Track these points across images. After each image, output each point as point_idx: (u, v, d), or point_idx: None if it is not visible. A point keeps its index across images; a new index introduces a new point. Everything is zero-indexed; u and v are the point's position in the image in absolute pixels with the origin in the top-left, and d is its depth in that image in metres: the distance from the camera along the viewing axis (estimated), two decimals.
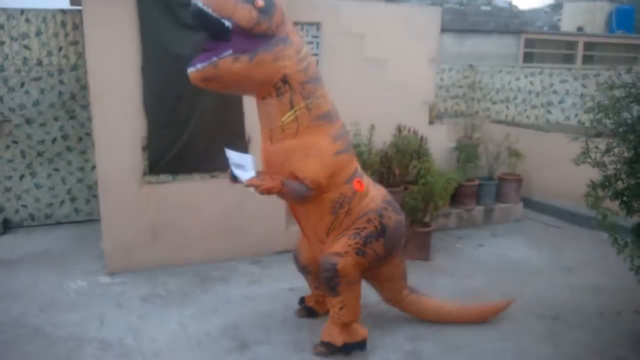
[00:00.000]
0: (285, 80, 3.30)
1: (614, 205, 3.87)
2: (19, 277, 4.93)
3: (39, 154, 6.16)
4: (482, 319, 4.26)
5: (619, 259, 3.92)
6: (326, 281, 3.59)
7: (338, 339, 3.67)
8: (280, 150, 3.40)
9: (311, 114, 3.38)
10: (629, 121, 3.80)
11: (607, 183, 3.85)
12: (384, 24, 6.29)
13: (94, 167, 6.31)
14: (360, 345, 3.76)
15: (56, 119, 6.14)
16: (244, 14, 3.07)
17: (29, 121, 6.05)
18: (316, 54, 5.63)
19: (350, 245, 3.56)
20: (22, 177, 6.15)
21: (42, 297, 4.54)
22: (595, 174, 3.95)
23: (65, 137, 6.21)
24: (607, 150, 3.91)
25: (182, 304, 4.42)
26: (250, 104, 4.98)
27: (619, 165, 3.87)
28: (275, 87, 3.30)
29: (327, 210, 3.56)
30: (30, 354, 3.69)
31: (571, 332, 4.16)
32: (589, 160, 3.88)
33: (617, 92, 3.90)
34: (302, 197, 3.41)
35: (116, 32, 4.60)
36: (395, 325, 4.16)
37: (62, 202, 6.36)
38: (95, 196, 6.42)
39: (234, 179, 3.54)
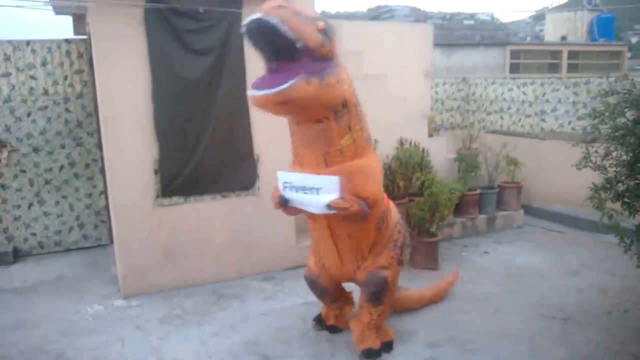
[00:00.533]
0: (344, 103, 3.28)
1: (616, 206, 4.01)
2: (35, 305, 4.97)
3: (47, 182, 6.23)
4: (446, 292, 4.91)
5: (622, 259, 4.06)
6: (374, 295, 3.78)
7: (376, 343, 3.86)
8: (341, 173, 3.35)
9: (363, 135, 3.46)
10: (628, 124, 3.96)
11: (608, 185, 3.99)
12: (380, 41, 6.48)
13: (101, 193, 6.41)
14: (390, 344, 3.99)
15: (63, 146, 6.23)
16: (312, 35, 3.01)
17: (36, 150, 6.13)
18: None
19: (392, 257, 3.82)
20: (30, 205, 6.21)
21: (60, 323, 4.59)
22: (593, 178, 4.08)
23: (72, 165, 6.29)
24: (606, 154, 4.07)
25: (201, 323, 4.48)
26: (258, 124, 5.12)
27: (618, 168, 4.02)
28: (334, 110, 3.25)
29: (373, 226, 3.66)
30: None
31: (583, 332, 4.27)
32: (590, 164, 4.03)
33: (611, 99, 4.06)
34: (366, 216, 3.46)
35: (126, 59, 4.71)
36: (412, 333, 4.25)
37: (71, 228, 6.42)
38: (103, 222, 6.51)
39: (284, 203, 3.49)
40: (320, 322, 4.33)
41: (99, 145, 6.29)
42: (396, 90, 6.45)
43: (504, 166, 7.01)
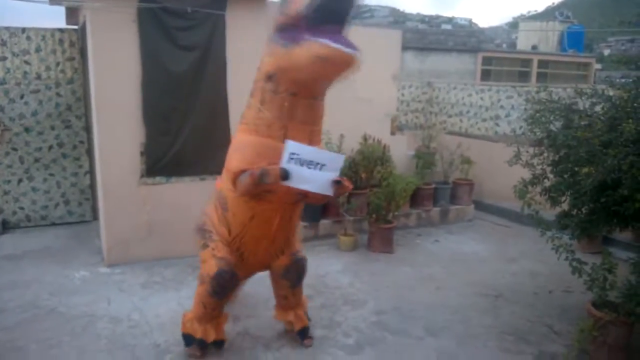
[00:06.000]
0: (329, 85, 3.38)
1: (542, 200, 4.69)
2: (26, 269, 5.46)
3: (36, 160, 6.70)
4: None
5: (554, 250, 4.65)
6: (298, 277, 4.01)
7: (306, 319, 4.20)
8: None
9: None
10: (555, 130, 4.64)
11: (535, 180, 4.68)
12: None
13: (86, 173, 6.91)
14: (306, 313, 4.29)
15: (53, 128, 6.70)
16: None
17: (27, 130, 6.59)
18: None
19: (300, 240, 4.16)
20: (20, 181, 6.67)
21: (50, 284, 5.11)
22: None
23: (60, 145, 6.77)
24: (536, 155, 4.76)
25: (178, 288, 5.05)
26: (235, 115, 5.67)
27: (545, 166, 4.71)
28: (324, 90, 3.39)
29: (300, 211, 3.89)
30: (50, 328, 4.27)
31: (510, 306, 4.97)
32: (520, 161, 4.70)
33: (537, 106, 4.74)
34: None
35: (119, 51, 5.23)
36: (363, 302, 4.90)
37: (57, 204, 6.89)
38: (87, 199, 7.00)
39: (286, 177, 3.19)
40: (201, 345, 3.88)
41: (87, 128, 6.80)
42: (364, 91, 7.05)
43: (458, 164, 7.70)
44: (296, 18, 3.05)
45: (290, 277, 3.97)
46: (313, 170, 3.26)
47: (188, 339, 3.92)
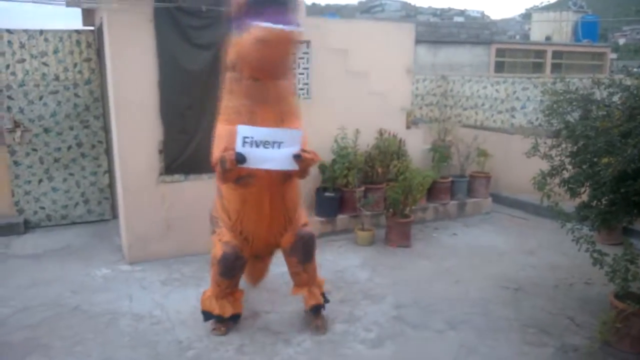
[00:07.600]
0: (293, 62, 3.67)
1: (561, 192, 4.66)
2: (48, 268, 5.55)
3: (56, 160, 6.78)
4: None
5: (575, 242, 4.62)
6: (307, 252, 4.10)
7: (320, 297, 4.30)
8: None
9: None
10: (573, 121, 4.60)
11: (554, 172, 4.65)
12: (364, 40, 7.06)
13: (105, 172, 6.98)
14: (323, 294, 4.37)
15: (71, 128, 6.77)
16: None
17: (47, 130, 6.68)
18: (306, 68, 6.38)
19: (305, 215, 4.29)
20: (40, 181, 6.76)
21: (72, 282, 5.18)
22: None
23: (79, 145, 6.85)
24: (554, 146, 4.72)
25: (198, 285, 5.08)
26: None
27: (563, 157, 4.67)
28: (290, 68, 3.57)
29: (297, 186, 4.03)
30: (74, 325, 4.33)
31: (530, 299, 4.95)
32: (538, 153, 4.67)
33: (553, 98, 4.70)
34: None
35: (136, 51, 5.28)
36: (383, 297, 4.91)
37: (77, 204, 6.98)
38: (106, 198, 7.08)
39: (241, 161, 3.48)
40: (219, 320, 4.18)
41: (105, 128, 6.88)
42: (378, 86, 7.03)
43: (474, 157, 7.66)
44: (242, 6, 3.35)
45: (297, 254, 4.10)
46: (271, 149, 3.45)
47: (207, 315, 4.19)
